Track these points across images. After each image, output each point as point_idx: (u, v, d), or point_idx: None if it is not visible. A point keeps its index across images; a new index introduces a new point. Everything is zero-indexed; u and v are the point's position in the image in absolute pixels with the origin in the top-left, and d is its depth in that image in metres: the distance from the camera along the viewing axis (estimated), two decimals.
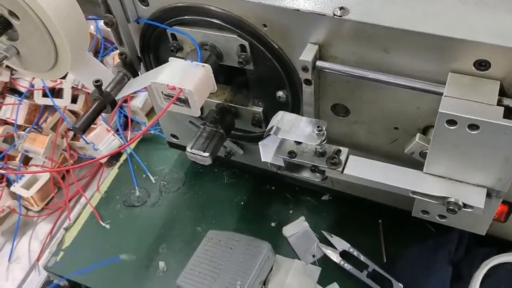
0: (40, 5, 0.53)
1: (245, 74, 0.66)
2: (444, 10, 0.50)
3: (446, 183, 0.54)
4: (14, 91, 1.00)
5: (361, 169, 0.58)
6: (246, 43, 0.60)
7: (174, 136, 0.85)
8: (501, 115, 0.47)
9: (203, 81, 0.58)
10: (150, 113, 1.02)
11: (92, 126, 0.94)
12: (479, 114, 0.47)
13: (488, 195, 0.54)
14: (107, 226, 0.85)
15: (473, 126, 0.47)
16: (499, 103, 0.48)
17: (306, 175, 0.63)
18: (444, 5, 0.51)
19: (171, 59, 0.60)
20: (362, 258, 0.74)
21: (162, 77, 0.58)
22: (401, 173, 0.56)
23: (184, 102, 0.58)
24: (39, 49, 0.58)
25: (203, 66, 0.58)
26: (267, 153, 0.61)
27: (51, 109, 0.98)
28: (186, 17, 0.62)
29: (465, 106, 0.48)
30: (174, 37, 0.64)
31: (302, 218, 0.81)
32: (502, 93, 0.49)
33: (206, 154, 0.66)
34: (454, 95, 0.49)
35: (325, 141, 0.56)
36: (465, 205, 0.53)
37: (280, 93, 0.65)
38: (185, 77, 0.57)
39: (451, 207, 0.53)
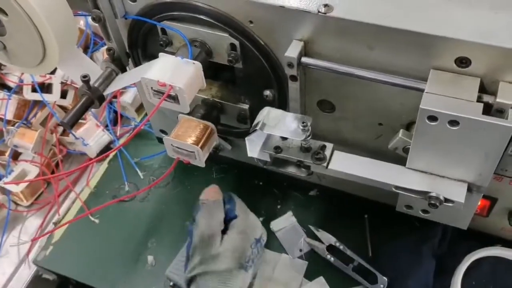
0: (28, 1, 0.53)
1: (232, 70, 0.67)
2: (427, 7, 0.51)
3: (428, 178, 0.55)
4: (3, 86, 0.99)
5: (345, 164, 0.59)
6: (237, 43, 0.61)
7: (163, 131, 0.85)
8: (480, 112, 0.48)
9: (193, 78, 0.59)
10: (140, 108, 1.03)
11: (82, 121, 0.95)
12: (459, 111, 0.48)
13: (469, 190, 0.55)
14: (96, 221, 0.86)
15: (453, 122, 0.48)
16: (479, 99, 0.49)
17: (291, 170, 0.64)
18: (428, 2, 0.52)
19: (161, 54, 0.60)
20: (348, 252, 0.75)
21: (152, 73, 0.58)
22: (384, 168, 0.57)
23: (174, 98, 0.59)
24: (26, 44, 0.58)
25: (194, 63, 0.59)
26: (253, 148, 0.62)
27: (41, 104, 0.98)
28: (174, 13, 0.62)
29: (445, 102, 0.49)
30: (163, 31, 0.64)
31: (290, 213, 0.82)
32: (482, 89, 0.50)
33: None
34: (435, 92, 0.50)
35: (310, 137, 0.57)
36: (446, 200, 0.54)
37: (267, 92, 0.65)
38: (175, 74, 0.58)
39: (432, 202, 0.54)
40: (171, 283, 0.74)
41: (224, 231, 0.70)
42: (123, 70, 0.67)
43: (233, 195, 0.75)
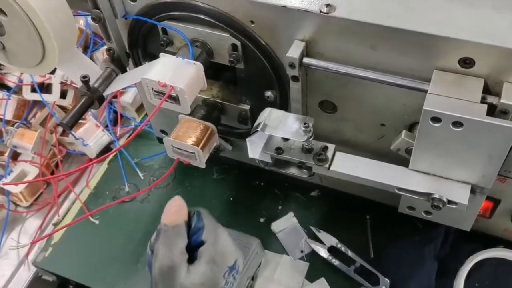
0: (27, 1, 0.53)
1: (233, 71, 0.66)
2: (430, 7, 0.51)
3: (431, 180, 0.55)
4: (2, 86, 0.99)
5: (347, 166, 0.58)
6: (238, 43, 0.60)
7: (163, 131, 0.85)
8: (484, 113, 0.47)
9: (194, 79, 0.58)
10: (140, 108, 1.02)
11: (81, 121, 0.95)
12: (463, 112, 0.47)
13: (472, 191, 0.54)
14: (96, 222, 0.85)
15: (457, 124, 0.48)
16: (483, 100, 0.48)
17: (293, 171, 0.64)
18: (431, 2, 0.51)
19: (162, 55, 0.60)
20: (349, 253, 0.74)
21: (153, 74, 0.58)
22: (387, 170, 0.56)
23: (175, 99, 0.58)
24: (26, 44, 0.57)
25: (195, 64, 0.58)
26: (255, 149, 0.61)
27: (40, 104, 0.98)
28: (175, 13, 0.62)
29: (449, 103, 0.48)
30: (164, 31, 0.64)
31: (291, 213, 0.81)
32: (486, 90, 0.49)
33: None
34: (438, 93, 0.49)
35: (311, 138, 0.57)
36: (449, 202, 0.53)
37: (268, 93, 0.65)
38: (176, 74, 0.57)
39: (435, 204, 0.53)
40: None
41: (191, 260, 0.59)
42: (123, 70, 0.67)
43: (203, 212, 0.62)
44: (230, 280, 0.60)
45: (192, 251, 0.59)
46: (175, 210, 0.60)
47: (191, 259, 0.58)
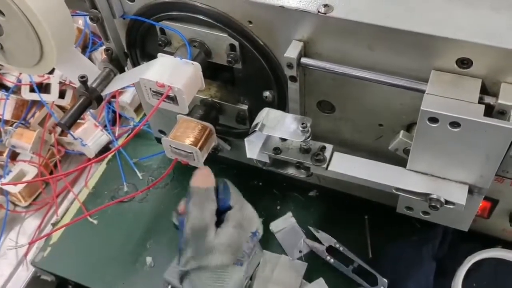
0: (25, 1, 0.53)
1: (231, 71, 0.66)
2: (429, 7, 0.51)
3: (429, 180, 0.55)
4: (1, 86, 0.99)
5: (345, 166, 0.58)
6: (236, 43, 0.60)
7: (162, 131, 0.85)
8: (481, 113, 0.47)
9: (192, 79, 0.58)
10: (139, 108, 1.02)
11: (80, 121, 0.95)
12: (460, 112, 0.47)
13: (470, 191, 0.54)
14: (95, 222, 0.85)
15: (454, 124, 0.48)
16: (480, 101, 0.49)
17: (291, 171, 0.64)
18: (429, 2, 0.51)
19: (160, 55, 0.60)
20: (348, 253, 0.74)
21: (151, 74, 0.58)
22: (385, 170, 0.56)
23: (173, 99, 0.58)
24: (24, 44, 0.57)
25: (193, 64, 0.59)
26: (253, 149, 0.61)
27: (39, 104, 0.98)
28: (173, 13, 0.62)
29: (446, 103, 0.48)
30: (162, 31, 0.64)
31: (289, 213, 0.81)
32: (484, 91, 0.50)
33: None
34: (436, 93, 0.49)
35: (309, 138, 0.57)
36: (447, 202, 0.53)
37: (266, 93, 0.65)
38: (174, 74, 0.57)
39: (433, 204, 0.53)
40: (169, 287, 0.74)
41: (218, 223, 0.64)
42: (122, 70, 0.67)
43: (228, 182, 0.68)
44: (250, 245, 0.65)
45: (219, 215, 0.65)
46: (205, 174, 0.66)
47: (218, 222, 0.64)
